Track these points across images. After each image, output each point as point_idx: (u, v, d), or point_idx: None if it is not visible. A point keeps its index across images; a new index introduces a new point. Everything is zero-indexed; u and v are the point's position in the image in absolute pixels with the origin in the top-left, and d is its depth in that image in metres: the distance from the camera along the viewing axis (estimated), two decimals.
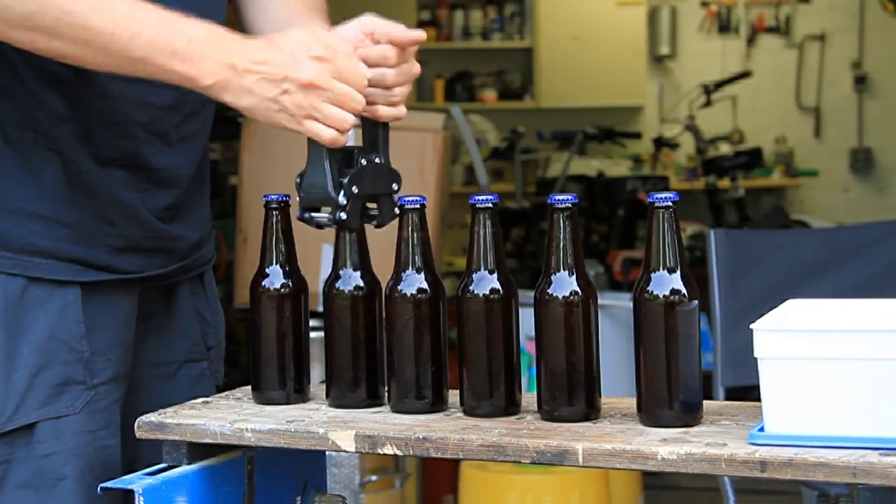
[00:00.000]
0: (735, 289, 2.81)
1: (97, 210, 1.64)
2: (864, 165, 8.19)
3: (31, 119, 1.60)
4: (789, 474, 1.29)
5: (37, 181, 1.61)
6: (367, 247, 1.62)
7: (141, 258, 1.69)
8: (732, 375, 2.78)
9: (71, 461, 1.61)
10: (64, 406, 1.62)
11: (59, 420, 1.61)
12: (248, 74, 1.53)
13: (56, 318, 1.62)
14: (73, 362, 1.62)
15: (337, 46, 1.56)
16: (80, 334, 1.63)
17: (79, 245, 1.63)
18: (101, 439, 1.64)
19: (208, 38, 1.53)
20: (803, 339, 1.34)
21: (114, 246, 1.66)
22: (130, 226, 1.66)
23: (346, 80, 1.55)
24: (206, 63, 1.52)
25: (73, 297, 1.63)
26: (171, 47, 1.51)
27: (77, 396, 1.63)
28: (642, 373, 1.45)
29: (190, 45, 1.52)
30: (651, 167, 7.64)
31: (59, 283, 1.62)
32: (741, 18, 8.36)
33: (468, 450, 1.42)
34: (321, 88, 1.53)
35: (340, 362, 1.61)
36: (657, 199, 1.45)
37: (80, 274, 1.63)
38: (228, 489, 1.58)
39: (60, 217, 1.62)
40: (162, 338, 1.77)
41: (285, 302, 1.64)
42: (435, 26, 8.25)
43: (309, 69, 1.53)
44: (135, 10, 1.51)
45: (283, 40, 1.55)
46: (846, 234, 3.29)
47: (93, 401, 1.64)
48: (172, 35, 1.52)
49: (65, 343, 1.62)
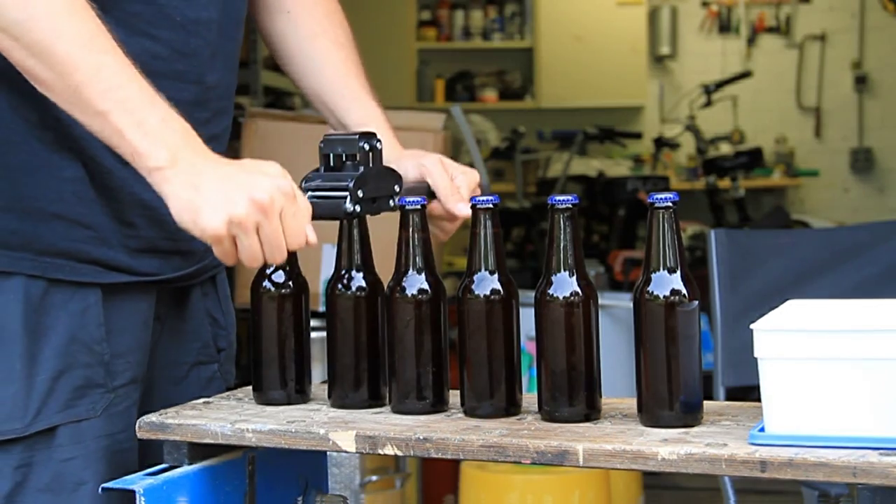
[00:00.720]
0: (735, 289, 2.82)
1: (117, 211, 1.63)
2: (865, 165, 8.19)
3: (51, 118, 1.58)
4: (789, 474, 1.29)
5: (58, 181, 1.60)
6: (370, 247, 1.62)
7: (159, 260, 1.68)
8: (732, 375, 2.78)
9: (91, 465, 1.60)
10: (85, 409, 1.60)
11: (80, 423, 1.60)
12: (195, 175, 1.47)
13: (77, 321, 1.60)
14: (93, 365, 1.61)
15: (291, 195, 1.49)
16: (101, 337, 1.62)
17: (99, 247, 1.62)
18: (120, 443, 1.63)
19: (182, 128, 1.49)
20: (803, 339, 1.34)
21: (133, 248, 1.65)
22: (150, 227, 1.65)
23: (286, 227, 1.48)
24: (163, 148, 1.46)
25: (94, 299, 1.62)
26: (141, 117, 1.46)
27: (98, 399, 1.62)
28: (643, 373, 1.45)
29: (161, 124, 1.47)
30: (651, 167, 7.64)
31: (80, 285, 1.61)
32: (741, 18, 8.36)
33: (469, 450, 1.42)
34: (267, 211, 1.46)
35: (342, 363, 1.61)
36: (657, 199, 1.45)
37: (99, 275, 1.62)
38: (229, 489, 1.58)
39: (81, 218, 1.61)
40: (174, 340, 1.77)
41: (286, 302, 1.64)
42: (435, 26, 8.25)
43: (265, 190, 1.46)
44: (124, 66, 1.47)
45: (240, 167, 1.49)
46: (846, 234, 3.29)
47: (112, 404, 1.63)
48: (150, 107, 1.47)
49: (86, 346, 1.61)
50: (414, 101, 7.94)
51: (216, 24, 1.69)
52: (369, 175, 1.59)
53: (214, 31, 1.69)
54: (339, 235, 1.62)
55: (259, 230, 1.46)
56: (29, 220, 1.59)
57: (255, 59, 4.90)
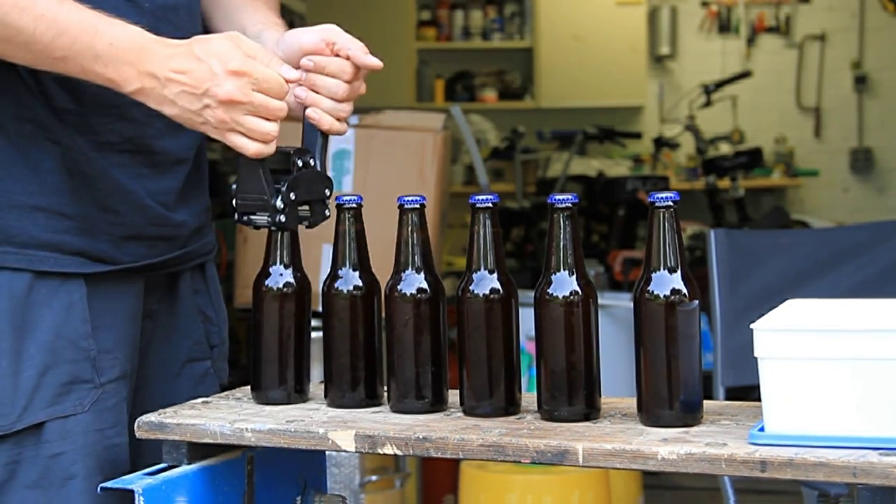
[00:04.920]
0: (735, 289, 2.81)
1: (99, 199, 1.64)
2: (864, 165, 8.19)
3: (27, 110, 1.60)
4: (789, 474, 1.29)
5: (37, 173, 1.61)
6: (366, 246, 1.62)
7: (143, 247, 1.69)
8: (732, 375, 2.78)
9: (80, 460, 1.61)
10: (72, 405, 1.61)
11: (68, 419, 1.61)
12: (170, 84, 1.53)
13: (62, 317, 1.61)
14: (80, 361, 1.62)
15: (256, 55, 1.55)
16: (87, 332, 1.63)
17: (82, 237, 1.63)
18: (109, 438, 1.64)
19: (131, 43, 1.53)
20: (803, 339, 1.34)
21: (117, 235, 1.66)
22: (132, 213, 1.66)
23: (266, 91, 1.54)
24: (127, 69, 1.52)
25: (79, 294, 1.63)
26: (94, 51, 1.51)
27: (85, 395, 1.62)
28: (642, 373, 1.45)
29: (112, 49, 1.52)
30: (651, 167, 7.64)
31: (64, 277, 1.62)
32: (741, 18, 8.36)
33: (468, 450, 1.42)
34: (241, 103, 1.53)
35: (339, 362, 1.61)
36: (657, 198, 1.45)
37: (84, 266, 1.63)
38: (228, 489, 1.58)
39: (62, 209, 1.62)
40: (166, 337, 1.78)
41: (288, 301, 1.64)
42: (435, 26, 8.25)
43: (227, 84, 1.52)
44: (58, 9, 1.51)
45: (204, 50, 1.54)
46: (846, 234, 3.29)
47: (101, 399, 1.64)
48: (94, 38, 1.51)
49: (71, 341, 1.62)
50: (414, 101, 7.94)
51: (185, 9, 1.71)
52: (301, 178, 1.60)
53: (184, 16, 1.71)
54: (335, 234, 1.62)
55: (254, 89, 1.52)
56: (10, 213, 1.60)
57: None
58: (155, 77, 1.52)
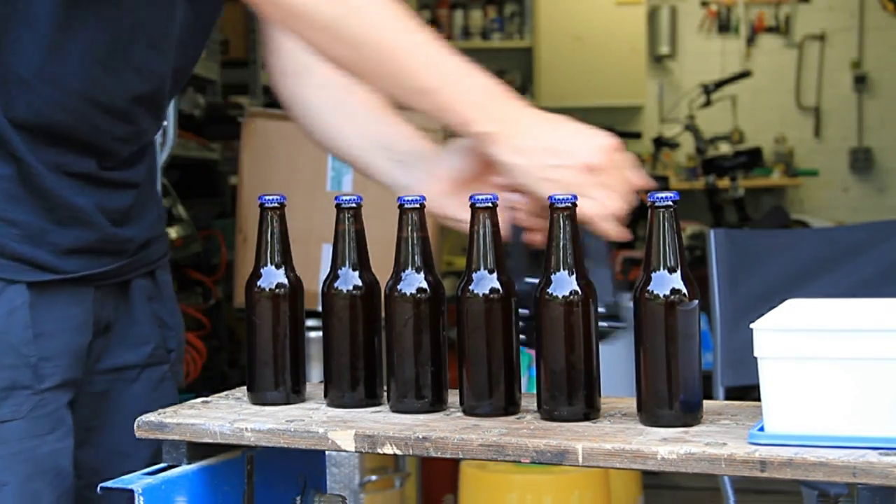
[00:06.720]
0: (735, 289, 2.82)
1: (48, 212, 1.63)
2: (864, 165, 8.20)
3: None
4: (789, 474, 1.29)
5: None
6: (366, 246, 1.62)
7: (88, 259, 1.68)
8: (732, 375, 2.78)
9: (12, 466, 1.59)
10: (9, 411, 1.60)
11: (3, 425, 1.59)
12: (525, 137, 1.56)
13: (3, 322, 1.60)
14: (20, 367, 1.61)
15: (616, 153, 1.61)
16: (28, 339, 1.61)
17: (24, 244, 1.61)
18: (48, 444, 1.63)
19: (500, 90, 1.57)
20: (803, 339, 1.34)
21: (61, 247, 1.64)
22: (80, 229, 1.65)
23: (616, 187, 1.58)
24: (492, 111, 1.56)
25: (21, 301, 1.61)
26: (464, 88, 1.55)
27: (23, 402, 1.61)
28: (642, 372, 1.45)
29: (483, 93, 1.56)
30: (651, 167, 7.64)
31: (6, 283, 1.60)
32: (741, 18, 8.37)
33: (468, 449, 1.42)
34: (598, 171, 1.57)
35: (338, 362, 1.61)
36: (657, 198, 1.45)
37: (25, 273, 1.61)
38: (228, 489, 1.58)
39: (8, 215, 1.61)
40: (123, 345, 1.77)
41: (280, 303, 1.63)
42: (435, 26, 8.25)
43: (591, 154, 1.57)
44: (436, 43, 1.55)
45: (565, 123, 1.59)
46: (846, 234, 3.29)
47: (39, 406, 1.62)
48: (470, 77, 1.55)
49: (12, 347, 1.60)
50: None
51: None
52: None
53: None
54: (335, 234, 1.61)
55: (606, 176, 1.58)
56: None
57: (255, 59, 4.89)
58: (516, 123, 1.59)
